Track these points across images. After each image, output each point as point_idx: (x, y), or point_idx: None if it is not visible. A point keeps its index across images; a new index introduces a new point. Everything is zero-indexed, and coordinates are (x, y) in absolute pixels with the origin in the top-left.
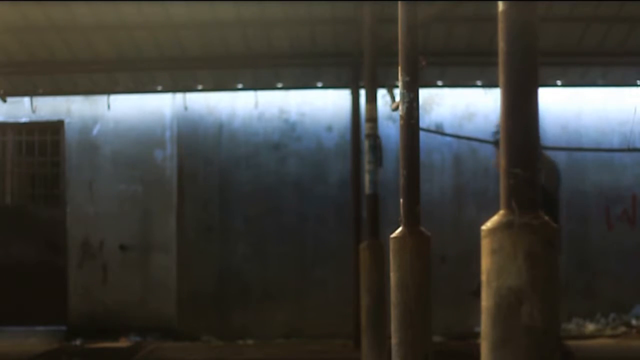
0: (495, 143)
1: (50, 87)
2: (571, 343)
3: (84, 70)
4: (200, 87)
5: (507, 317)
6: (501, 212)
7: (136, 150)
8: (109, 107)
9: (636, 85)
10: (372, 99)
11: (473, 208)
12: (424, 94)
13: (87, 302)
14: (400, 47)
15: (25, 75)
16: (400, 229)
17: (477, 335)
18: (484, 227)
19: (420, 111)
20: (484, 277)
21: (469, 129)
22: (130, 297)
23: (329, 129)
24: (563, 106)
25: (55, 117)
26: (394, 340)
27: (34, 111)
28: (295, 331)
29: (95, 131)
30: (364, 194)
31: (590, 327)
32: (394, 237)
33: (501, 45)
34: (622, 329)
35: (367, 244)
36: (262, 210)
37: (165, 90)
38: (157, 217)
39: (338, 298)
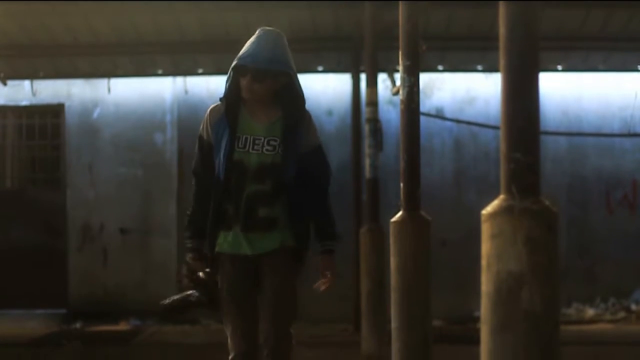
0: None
1: (50, 70)
2: (571, 328)
3: (85, 54)
4: (200, 70)
5: (507, 301)
6: (501, 196)
7: (136, 133)
8: (109, 90)
9: (637, 70)
10: (372, 83)
11: (473, 192)
12: (424, 78)
13: (87, 285)
14: (400, 31)
15: (26, 59)
16: (400, 213)
17: (477, 319)
18: (484, 212)
19: (421, 95)
20: (484, 262)
21: (469, 114)
22: (131, 280)
23: (330, 113)
24: (564, 91)
25: (55, 101)
26: (393, 325)
27: (34, 94)
28: None
29: (95, 114)
30: (365, 178)
31: (590, 312)
32: (394, 222)
33: (502, 29)
34: (622, 314)
35: (367, 228)
36: None
37: (165, 74)
38: (157, 200)
39: (338, 282)
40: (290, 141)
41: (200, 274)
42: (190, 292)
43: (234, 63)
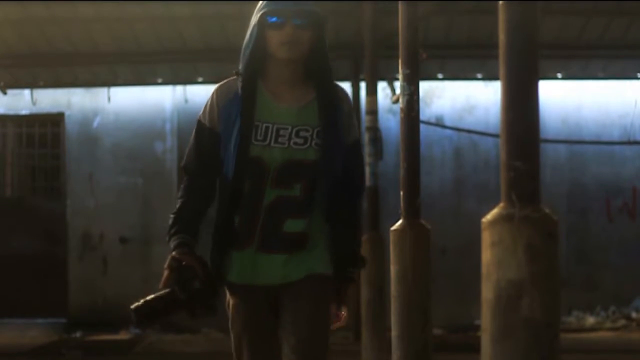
0: None
1: (50, 79)
2: (571, 336)
3: (85, 63)
4: (200, 79)
5: (507, 309)
6: (501, 204)
7: (136, 142)
8: (109, 99)
9: (636, 78)
10: (372, 92)
11: (473, 201)
12: (424, 86)
13: (87, 294)
14: (400, 40)
15: (26, 68)
16: (400, 221)
17: (477, 327)
18: (484, 220)
19: (421, 104)
20: (484, 270)
21: (469, 122)
22: (131, 289)
23: None
24: (563, 99)
25: (55, 110)
26: (393, 333)
27: (34, 103)
28: None
29: (95, 123)
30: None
31: (591, 320)
32: (394, 230)
33: (501, 37)
34: (622, 321)
35: (367, 237)
36: None
37: (165, 82)
38: (157, 209)
39: None
40: (333, 131)
41: (188, 263)
42: (166, 290)
43: (256, 17)
